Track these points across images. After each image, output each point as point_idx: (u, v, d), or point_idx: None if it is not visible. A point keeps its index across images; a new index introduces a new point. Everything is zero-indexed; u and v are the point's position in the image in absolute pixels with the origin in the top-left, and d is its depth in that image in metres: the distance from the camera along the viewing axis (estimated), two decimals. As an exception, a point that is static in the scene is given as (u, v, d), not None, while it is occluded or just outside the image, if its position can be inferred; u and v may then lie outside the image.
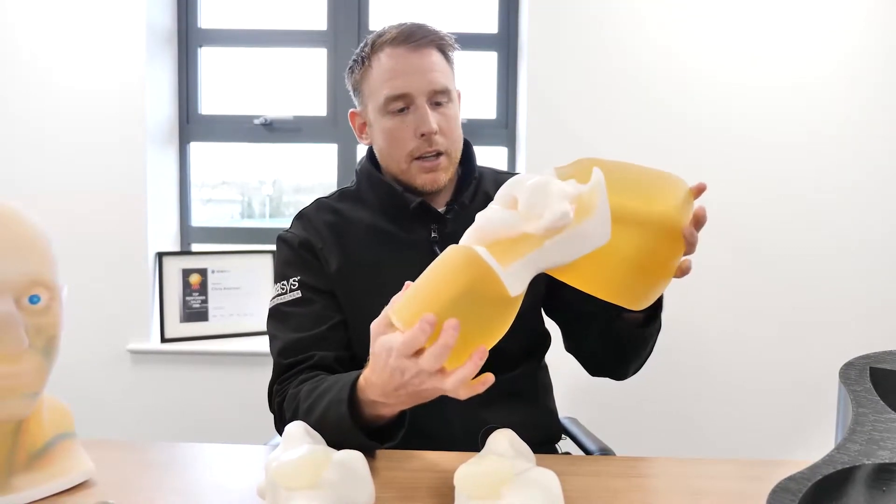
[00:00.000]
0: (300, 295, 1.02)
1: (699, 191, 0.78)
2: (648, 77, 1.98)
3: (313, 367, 0.97)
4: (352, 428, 0.78)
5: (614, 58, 1.99)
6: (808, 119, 1.98)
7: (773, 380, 2.02)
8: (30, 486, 0.69)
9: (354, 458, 0.64)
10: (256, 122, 2.20)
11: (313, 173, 2.42)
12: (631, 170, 0.73)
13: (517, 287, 0.63)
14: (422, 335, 0.62)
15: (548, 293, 1.10)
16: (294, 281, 1.02)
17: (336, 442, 0.74)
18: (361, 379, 0.78)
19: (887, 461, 0.54)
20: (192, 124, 2.23)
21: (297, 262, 1.04)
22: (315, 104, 2.22)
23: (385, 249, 1.03)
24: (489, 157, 2.17)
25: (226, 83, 2.28)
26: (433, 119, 0.99)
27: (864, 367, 0.65)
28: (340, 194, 1.11)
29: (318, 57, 2.21)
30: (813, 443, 2.01)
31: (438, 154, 1.01)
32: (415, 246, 1.03)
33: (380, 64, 1.00)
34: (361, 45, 1.04)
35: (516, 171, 1.57)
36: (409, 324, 0.63)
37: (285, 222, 2.48)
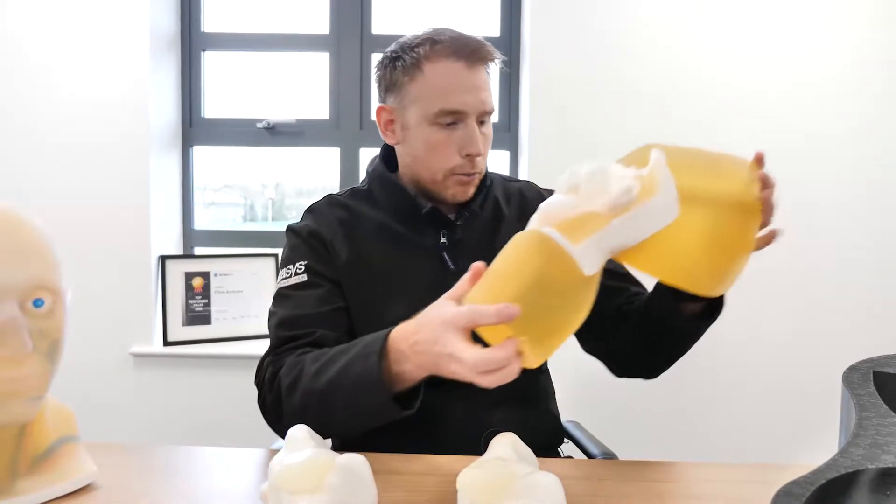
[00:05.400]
0: (305, 279, 1.00)
1: (759, 160, 0.76)
2: (652, 80, 1.98)
3: (314, 344, 0.94)
4: (378, 382, 0.74)
5: (617, 61, 1.99)
6: (813, 122, 1.98)
7: (777, 384, 2.01)
8: (33, 490, 0.69)
9: (357, 461, 0.64)
10: (259, 125, 2.20)
11: (316, 177, 2.43)
12: (691, 151, 0.72)
13: (591, 266, 0.61)
14: (505, 311, 0.60)
15: None
16: (300, 265, 1.01)
17: (349, 404, 0.72)
18: (395, 332, 0.76)
19: (891, 465, 0.54)
20: (195, 128, 2.23)
21: (305, 249, 1.03)
22: (317, 108, 2.23)
23: (394, 250, 1.03)
24: (492, 161, 2.17)
25: (229, 87, 2.29)
26: (481, 141, 0.99)
27: (867, 370, 0.65)
28: (352, 193, 1.11)
29: (320, 61, 2.22)
30: (816, 447, 2.00)
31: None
32: (424, 250, 1.04)
33: (436, 73, 0.98)
34: (411, 43, 1.00)
35: (521, 177, 1.57)
36: None
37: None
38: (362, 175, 2.36)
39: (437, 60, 0.98)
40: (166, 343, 2.06)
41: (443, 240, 1.04)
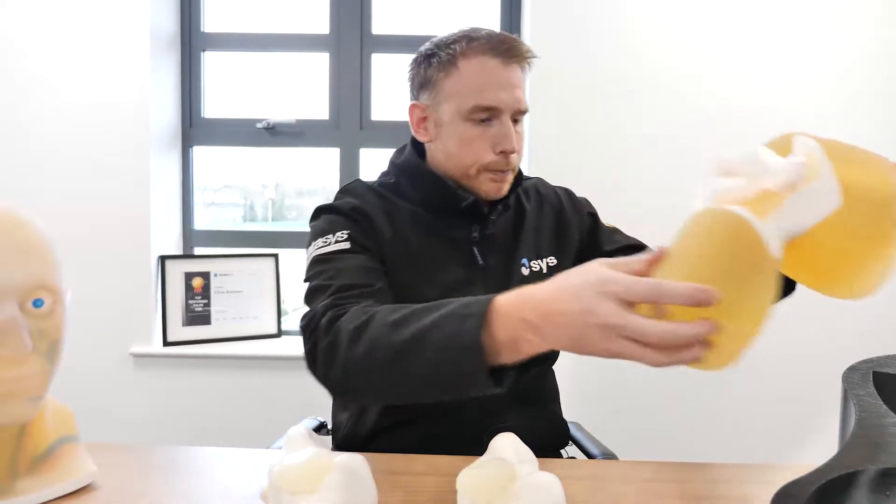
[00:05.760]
0: (348, 246, 0.94)
1: None
2: (652, 79, 1.98)
3: (375, 298, 0.87)
4: (476, 348, 0.64)
5: (617, 60, 1.99)
6: (817, 122, 1.98)
7: (777, 384, 2.01)
8: (33, 490, 0.69)
9: (357, 462, 0.64)
10: (259, 125, 2.20)
11: (315, 177, 2.43)
12: (837, 143, 0.65)
13: (776, 249, 0.55)
14: (701, 295, 0.51)
15: None
16: (342, 233, 0.95)
17: (432, 366, 0.66)
18: (503, 298, 0.65)
19: (891, 465, 0.54)
20: (194, 128, 2.23)
21: (347, 222, 0.98)
22: (317, 108, 2.23)
23: (428, 239, 1.02)
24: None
25: (229, 87, 2.29)
26: (515, 139, 0.99)
27: (867, 371, 0.65)
28: (380, 183, 1.08)
29: (320, 61, 2.22)
30: (816, 447, 2.00)
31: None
32: (455, 243, 1.03)
33: (471, 70, 0.97)
34: (447, 41, 1.00)
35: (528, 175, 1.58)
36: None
37: (287, 226, 2.50)
38: (363, 175, 2.36)
39: (472, 57, 0.97)
40: (166, 343, 2.06)
41: (474, 234, 1.04)
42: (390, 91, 2.22)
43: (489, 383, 0.65)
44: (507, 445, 0.70)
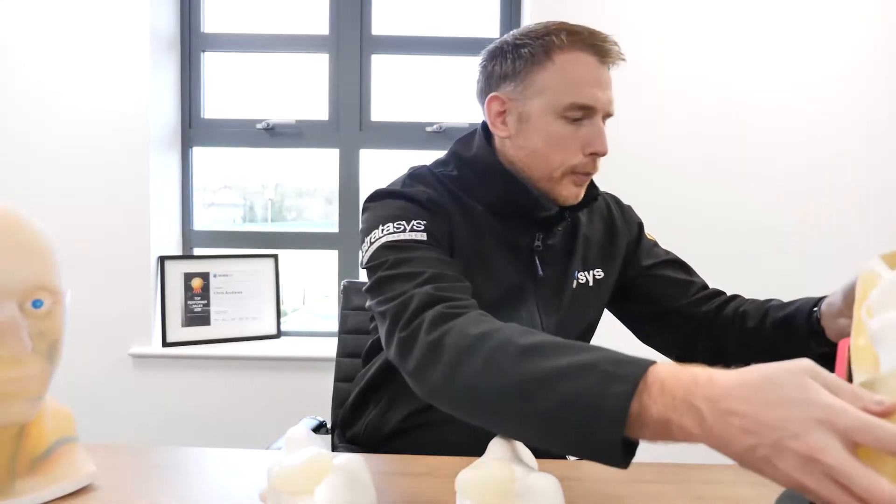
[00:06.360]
0: (425, 238, 0.87)
1: None
2: (652, 81, 1.98)
3: (469, 294, 0.81)
4: (617, 414, 0.54)
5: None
6: (819, 122, 1.98)
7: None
8: (32, 491, 0.69)
9: (356, 462, 0.64)
10: (259, 126, 2.20)
11: (315, 178, 2.43)
12: None
13: None
14: None
15: (622, 298, 1.09)
16: (418, 223, 0.88)
17: (558, 412, 0.57)
18: (667, 371, 0.55)
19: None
20: (194, 129, 2.23)
21: (422, 212, 0.91)
22: (317, 109, 2.23)
23: (492, 243, 0.96)
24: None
25: (228, 88, 2.29)
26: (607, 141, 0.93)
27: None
28: (443, 175, 1.00)
29: (320, 62, 2.22)
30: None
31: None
32: (517, 250, 0.98)
33: (568, 64, 0.92)
34: (539, 32, 0.95)
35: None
36: None
37: (287, 226, 2.50)
38: (363, 176, 2.35)
39: (569, 51, 0.92)
40: (165, 344, 2.06)
41: (537, 243, 0.98)
42: (390, 92, 2.22)
43: (616, 455, 0.56)
44: (505, 446, 0.70)
